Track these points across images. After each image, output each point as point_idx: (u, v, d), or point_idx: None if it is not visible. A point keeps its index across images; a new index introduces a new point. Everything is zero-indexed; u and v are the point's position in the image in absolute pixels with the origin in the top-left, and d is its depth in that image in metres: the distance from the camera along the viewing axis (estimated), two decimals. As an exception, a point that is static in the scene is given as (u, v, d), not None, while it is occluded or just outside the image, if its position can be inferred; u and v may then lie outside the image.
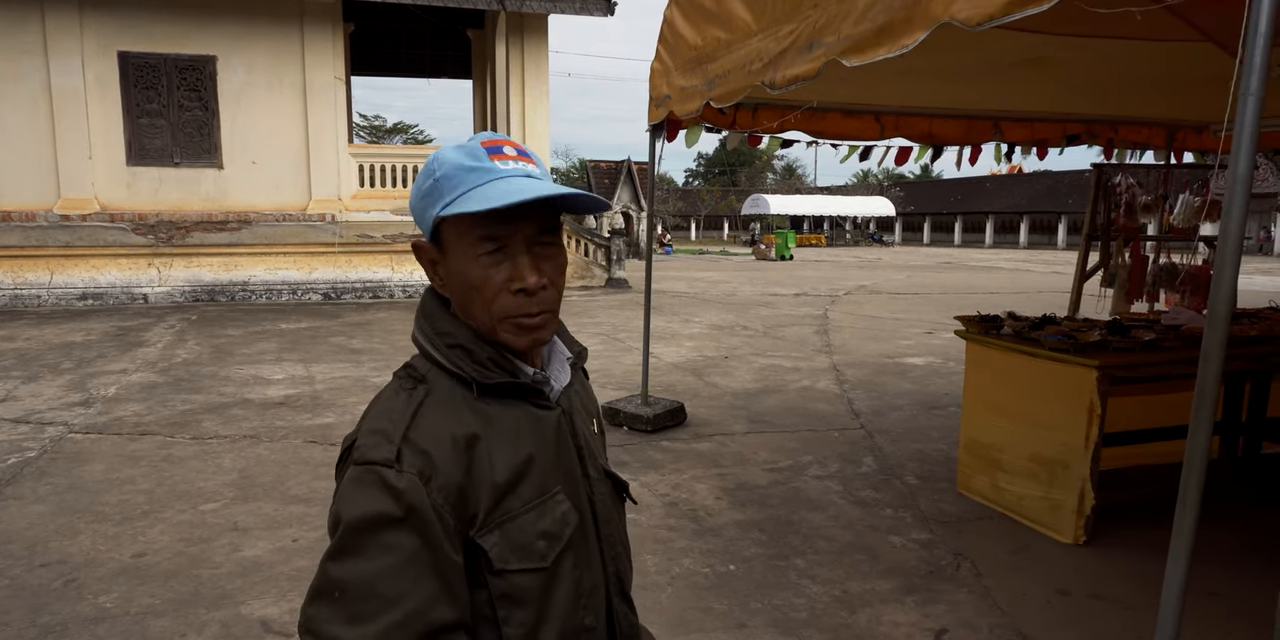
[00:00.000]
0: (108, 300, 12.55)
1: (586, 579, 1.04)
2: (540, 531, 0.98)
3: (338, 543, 0.89)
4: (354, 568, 0.88)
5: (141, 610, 3.10)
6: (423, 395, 0.97)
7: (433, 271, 1.03)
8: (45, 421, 5.77)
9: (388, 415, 0.96)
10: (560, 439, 1.05)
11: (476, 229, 0.96)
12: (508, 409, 1.00)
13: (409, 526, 0.89)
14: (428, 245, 1.02)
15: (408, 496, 0.89)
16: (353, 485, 0.91)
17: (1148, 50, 4.13)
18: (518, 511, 0.97)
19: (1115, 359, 3.74)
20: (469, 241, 0.96)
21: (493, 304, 0.97)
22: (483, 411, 0.98)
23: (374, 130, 54.78)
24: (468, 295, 0.99)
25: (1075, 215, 44.83)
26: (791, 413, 6.25)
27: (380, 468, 0.90)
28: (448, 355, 1.00)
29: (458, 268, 0.98)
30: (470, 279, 0.97)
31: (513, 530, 0.96)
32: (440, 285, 1.03)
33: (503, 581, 0.95)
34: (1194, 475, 1.71)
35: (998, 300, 14.79)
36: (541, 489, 1.00)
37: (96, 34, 12.53)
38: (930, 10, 2.54)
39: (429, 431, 0.94)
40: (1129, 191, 6.56)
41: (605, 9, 13.88)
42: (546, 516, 0.99)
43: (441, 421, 0.95)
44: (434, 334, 1.01)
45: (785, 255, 31.05)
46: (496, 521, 0.95)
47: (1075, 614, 3.13)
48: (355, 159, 14.03)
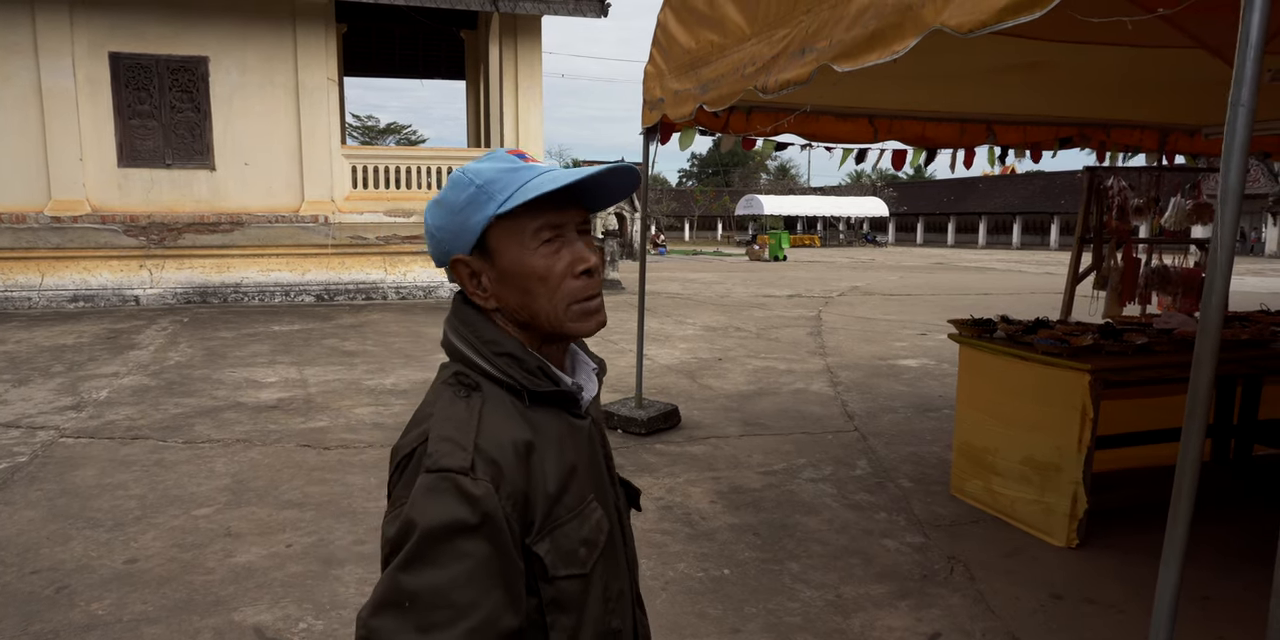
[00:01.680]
0: (99, 302, 12.49)
1: (614, 584, 1.07)
2: (581, 538, 1.01)
3: (411, 551, 0.89)
4: (428, 576, 0.88)
5: (134, 617, 3.08)
6: (480, 403, 0.98)
7: (474, 284, 1.04)
8: (36, 426, 5.74)
9: (453, 423, 0.96)
10: (592, 448, 1.09)
11: (534, 222, 0.99)
12: (550, 418, 1.03)
13: (483, 534, 0.90)
14: (467, 257, 1.03)
15: (483, 504, 0.90)
16: (427, 493, 0.91)
17: (1140, 55, 4.15)
18: (564, 519, 0.99)
19: (1108, 363, 3.75)
20: (527, 235, 1.00)
21: (558, 290, 1.01)
22: (532, 420, 1.00)
23: (367, 131, 54.70)
24: (531, 289, 1.01)
25: (1068, 216, 45.00)
26: (785, 415, 6.26)
27: (456, 475, 0.91)
28: (496, 363, 1.01)
29: (515, 266, 1.01)
30: (535, 271, 1.00)
31: (560, 538, 0.98)
32: (484, 297, 1.04)
33: (552, 588, 0.98)
34: (1186, 482, 1.72)
35: (991, 301, 14.84)
36: (580, 497, 1.03)
37: (87, 34, 12.47)
38: (922, 17, 2.55)
39: (494, 439, 0.95)
40: (1121, 194, 6.58)
41: (599, 10, 13.87)
42: (586, 524, 1.02)
43: (502, 429, 0.97)
44: (479, 342, 1.02)
45: (779, 256, 31.09)
46: (548, 529, 0.97)
47: (1068, 618, 3.14)
48: (348, 160, 14.00)
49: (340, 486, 4.56)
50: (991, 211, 50.43)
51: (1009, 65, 4.55)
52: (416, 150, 16.86)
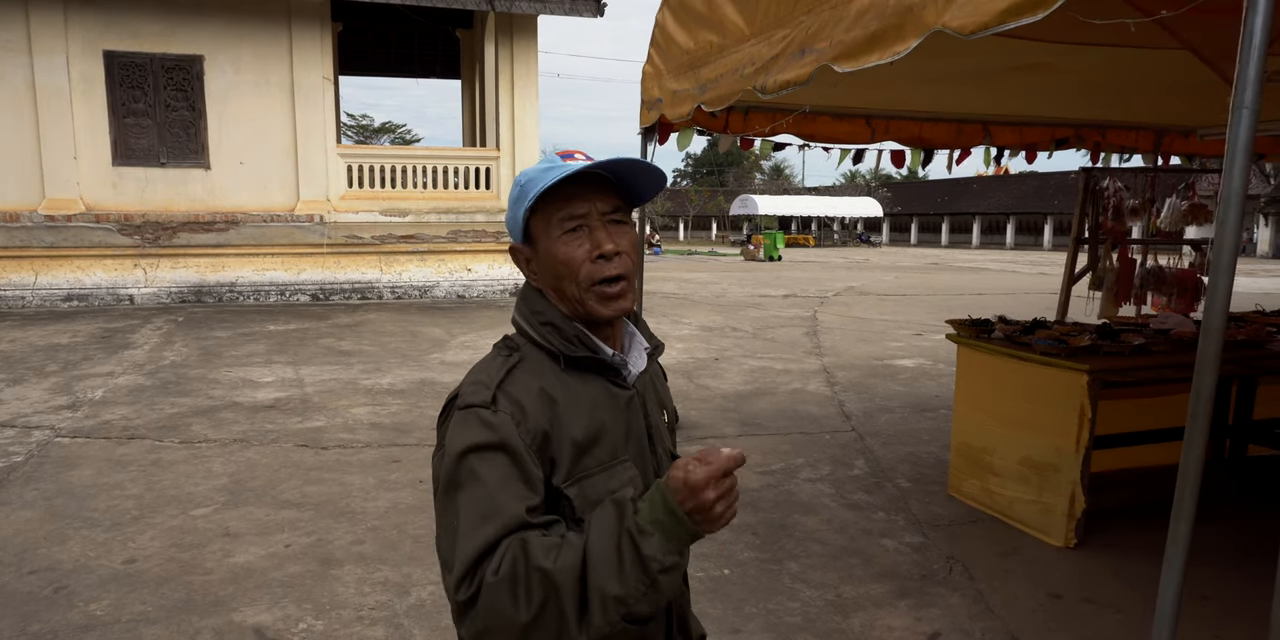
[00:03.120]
0: (93, 301, 12.44)
1: None
2: (610, 490, 1.12)
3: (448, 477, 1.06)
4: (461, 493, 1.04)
5: (133, 618, 3.08)
6: (516, 360, 1.15)
7: (527, 268, 1.22)
8: (31, 425, 5.72)
9: (485, 371, 1.14)
10: (632, 416, 1.21)
11: (557, 213, 1.15)
12: (587, 383, 1.17)
13: (508, 449, 1.05)
14: (520, 246, 1.21)
15: (501, 430, 1.06)
16: (457, 426, 1.09)
17: (1137, 57, 4.16)
18: (593, 470, 1.13)
19: (1106, 363, 3.77)
20: (554, 225, 1.15)
21: (579, 274, 1.15)
22: (565, 381, 1.15)
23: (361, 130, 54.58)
24: (558, 273, 1.16)
25: (1061, 216, 45.11)
26: (782, 415, 6.26)
27: (479, 409, 1.08)
28: (539, 331, 1.17)
29: (547, 253, 1.17)
30: (558, 256, 1.15)
31: (588, 487, 1.11)
32: (535, 279, 1.21)
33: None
34: (1189, 484, 1.72)
35: (986, 301, 14.87)
36: (612, 454, 1.16)
37: (81, 32, 12.41)
38: (923, 18, 2.56)
39: (520, 385, 1.11)
40: (1117, 195, 6.61)
41: (595, 10, 13.86)
42: (617, 478, 1.15)
43: (529, 381, 1.12)
44: (530, 313, 1.19)
45: (773, 256, 31.10)
46: (576, 477, 1.11)
47: (1067, 617, 3.16)
48: (344, 159, 13.96)
49: (338, 486, 4.55)
50: (985, 212, 50.52)
51: (1006, 67, 4.56)
52: (412, 150, 16.82)
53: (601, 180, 1.16)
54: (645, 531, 0.98)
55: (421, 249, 13.93)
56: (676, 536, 0.98)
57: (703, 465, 0.96)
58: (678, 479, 0.97)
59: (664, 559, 0.97)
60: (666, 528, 0.97)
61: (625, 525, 0.99)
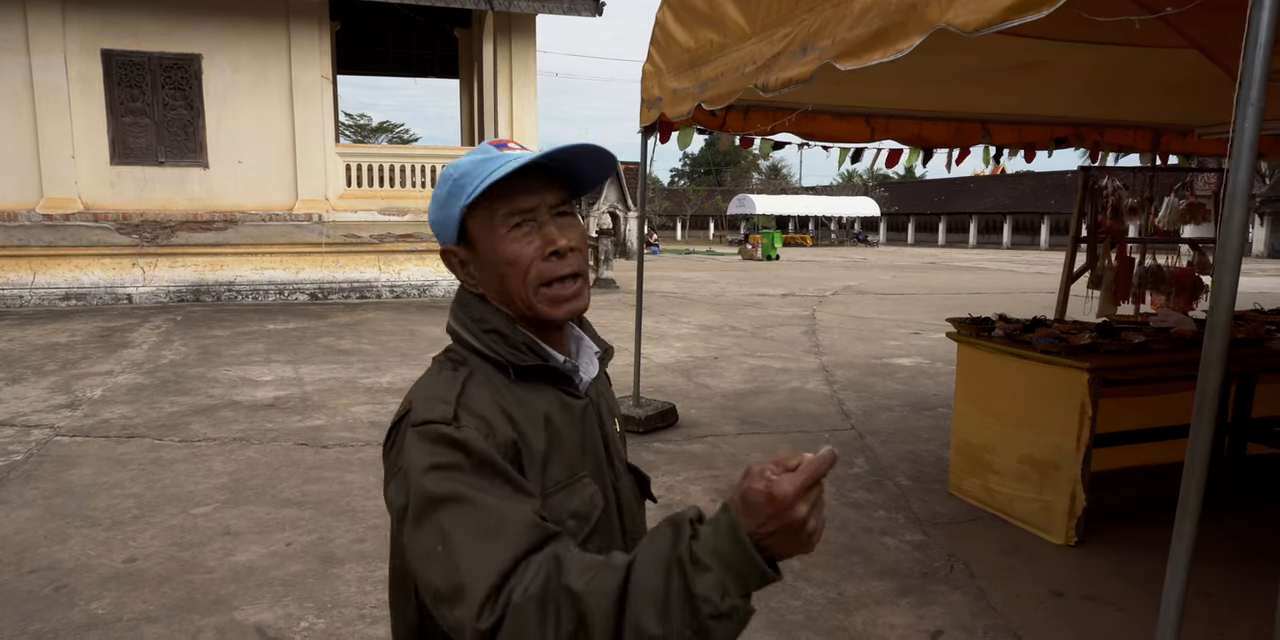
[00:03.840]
0: (91, 300, 12.42)
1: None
2: (570, 511, 1.02)
3: (419, 503, 0.90)
4: (441, 518, 0.88)
5: (134, 617, 3.07)
6: (466, 373, 1.03)
7: (464, 272, 1.09)
8: (30, 424, 5.71)
9: (437, 387, 1.01)
10: (587, 427, 1.11)
11: (502, 208, 1.04)
12: (539, 394, 1.05)
13: (484, 463, 0.91)
14: (455, 247, 1.09)
15: (471, 445, 0.92)
16: (414, 444, 0.94)
17: (1136, 55, 4.17)
18: (551, 490, 1.01)
19: (1106, 361, 3.77)
20: (498, 222, 1.04)
21: (528, 274, 1.04)
22: (516, 394, 1.03)
23: (359, 129, 54.52)
24: (504, 274, 1.05)
25: (1058, 216, 45.18)
26: (782, 414, 6.27)
27: (439, 425, 0.94)
28: (483, 340, 1.06)
29: (490, 252, 1.05)
30: (505, 256, 1.04)
31: (549, 507, 0.99)
32: (473, 283, 1.09)
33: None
34: (1194, 481, 1.73)
35: (983, 301, 14.89)
36: (570, 472, 1.05)
37: (79, 31, 12.39)
38: (926, 16, 2.56)
39: (476, 400, 0.99)
40: (1115, 194, 6.61)
41: (593, 9, 13.86)
42: (575, 497, 1.04)
43: (485, 394, 1.00)
44: (470, 321, 1.07)
45: (771, 255, 31.13)
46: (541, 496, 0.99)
47: (1069, 615, 3.16)
48: (342, 158, 13.95)
49: (339, 485, 4.54)
50: (982, 211, 50.59)
51: (1006, 65, 4.57)
52: (410, 149, 16.82)
53: (545, 171, 1.05)
54: (701, 563, 0.77)
55: (420, 248, 13.92)
56: (741, 574, 0.77)
57: (789, 472, 0.77)
58: (758, 492, 0.76)
59: (719, 601, 0.76)
60: (730, 562, 0.77)
61: (678, 552, 0.78)
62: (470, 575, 0.83)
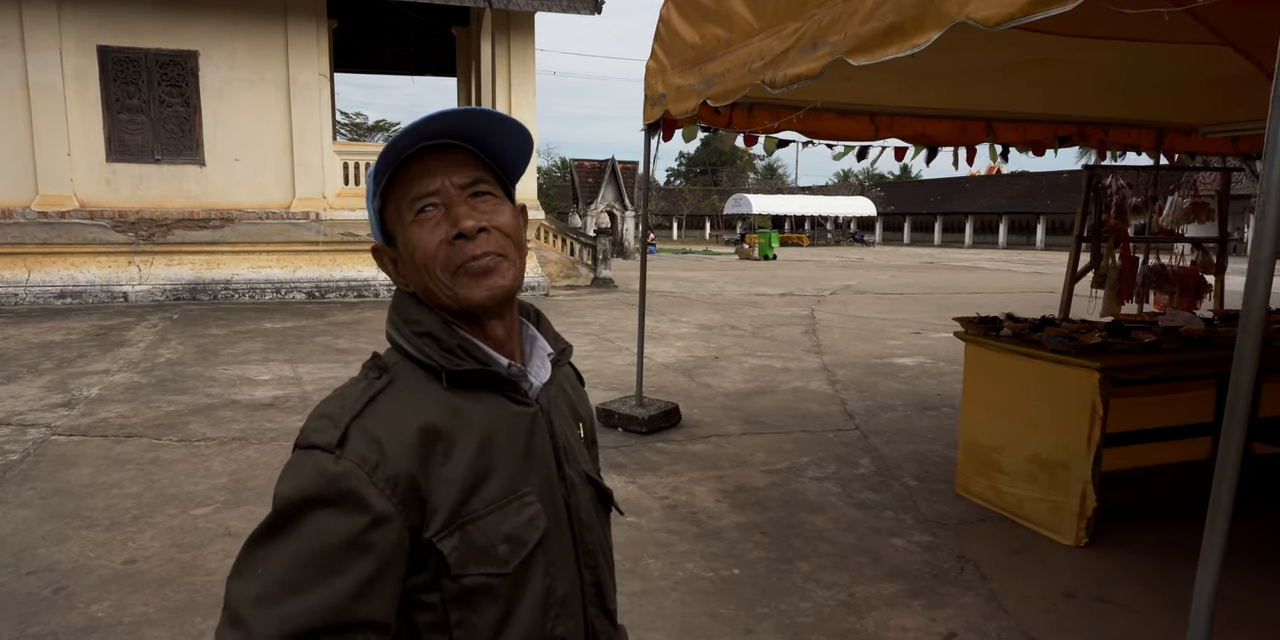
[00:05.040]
0: (87, 299, 12.34)
1: (559, 587, 0.99)
2: (504, 534, 0.93)
3: (268, 521, 0.86)
4: (275, 548, 0.85)
5: (135, 619, 3.02)
6: (384, 384, 0.94)
7: (395, 271, 1.02)
8: (27, 423, 5.64)
9: (339, 401, 0.92)
10: (535, 438, 1.01)
11: (405, 196, 0.96)
12: (478, 402, 0.96)
13: (340, 513, 0.85)
14: (382, 245, 1.02)
15: (343, 482, 0.85)
16: (289, 467, 0.89)
17: (1145, 53, 4.14)
18: (480, 512, 0.92)
19: (1117, 361, 3.74)
20: (404, 210, 0.97)
21: (437, 261, 0.95)
22: (450, 404, 0.94)
23: (355, 128, 54.38)
24: (421, 265, 0.97)
25: (1053, 216, 45.24)
26: (785, 413, 6.23)
27: (319, 452, 0.87)
28: (415, 343, 0.97)
29: (404, 244, 0.98)
30: (415, 244, 0.96)
31: (473, 532, 0.91)
32: (404, 282, 1.02)
33: (457, 586, 0.91)
34: (1226, 481, 1.69)
35: (983, 300, 14.87)
36: (510, 489, 0.95)
37: (75, 28, 12.31)
38: (944, 10, 2.51)
39: (382, 418, 0.90)
40: (1120, 193, 6.59)
41: (592, 7, 13.81)
42: (511, 519, 0.94)
43: (398, 410, 0.91)
44: (402, 323, 0.99)
45: (768, 255, 31.11)
46: (458, 523, 0.91)
47: (1082, 616, 3.13)
48: (340, 156, 13.89)
49: (340, 485, 4.49)
50: (978, 211, 50.63)
51: (1014, 62, 4.53)
52: (407, 147, 16.73)
53: (455, 151, 0.98)
54: None
55: (418, 247, 13.85)
56: None
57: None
58: None
59: None
60: None
61: None
62: (259, 621, 0.82)
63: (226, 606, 0.84)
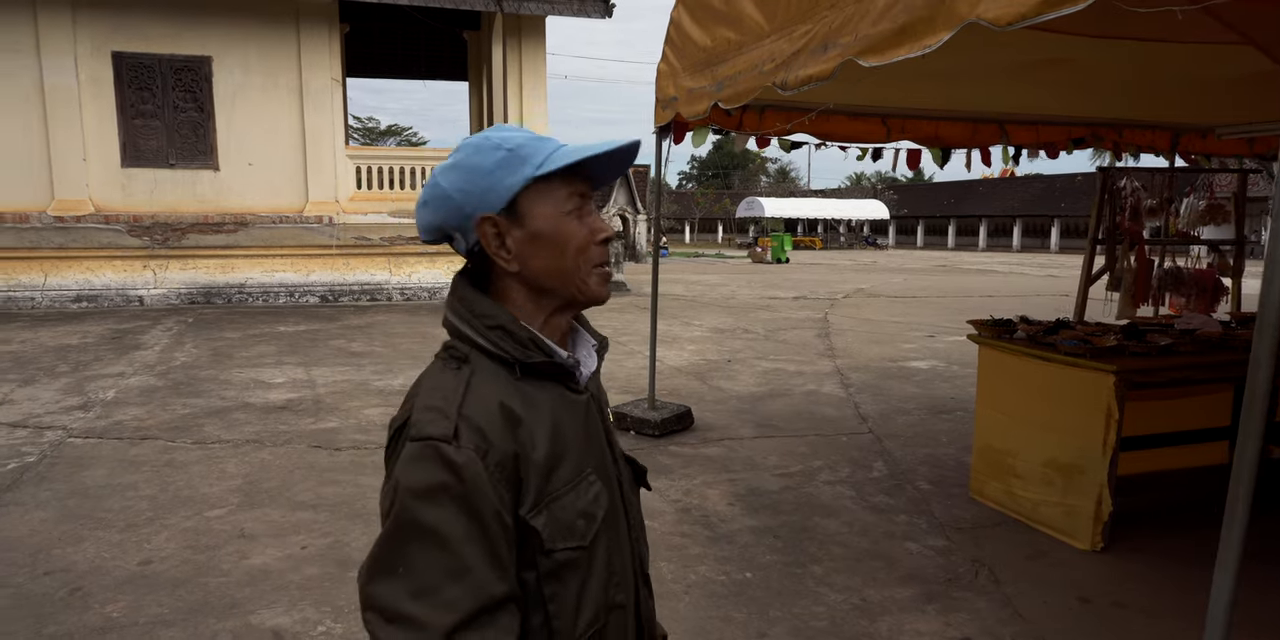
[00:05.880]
0: (102, 302, 12.44)
1: (617, 559, 1.08)
2: (579, 511, 1.01)
3: (397, 519, 0.92)
4: (416, 543, 0.90)
5: (150, 620, 3.04)
6: (469, 373, 1.00)
7: (499, 244, 1.03)
8: (44, 425, 5.69)
9: (440, 392, 0.98)
10: (590, 423, 1.09)
11: (566, 188, 1.03)
12: (544, 391, 1.03)
13: (468, 501, 0.91)
14: (495, 216, 1.02)
15: (466, 470, 0.91)
16: (410, 461, 0.93)
17: (1159, 53, 4.10)
18: (561, 492, 1.00)
19: (1133, 364, 3.71)
20: (559, 200, 1.03)
21: (583, 255, 1.04)
22: (522, 391, 1.01)
23: (368, 132, 54.65)
24: (563, 252, 1.03)
25: (1068, 218, 44.96)
26: (798, 417, 6.21)
27: (439, 443, 0.92)
28: (488, 336, 1.02)
29: (550, 228, 1.03)
30: (567, 234, 1.03)
31: (557, 510, 0.99)
32: (507, 258, 1.03)
33: (550, 560, 0.98)
34: (1243, 485, 1.67)
35: (997, 303, 14.79)
36: (577, 470, 1.03)
37: (90, 34, 12.42)
38: (956, 10, 2.50)
39: (481, 407, 0.96)
40: (1134, 195, 6.54)
41: (603, 11, 13.84)
42: (582, 497, 1.02)
43: (488, 398, 0.97)
44: (472, 316, 1.03)
45: (781, 258, 31.04)
46: (544, 502, 0.98)
47: (1098, 622, 3.10)
48: (352, 161, 13.95)
49: (353, 488, 4.51)
50: (991, 214, 50.38)
51: (1026, 62, 4.50)
52: (421, 151, 16.83)
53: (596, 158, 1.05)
54: None
55: (431, 250, 13.90)
56: None
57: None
58: None
59: None
60: None
61: None
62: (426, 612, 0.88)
63: (377, 610, 0.90)
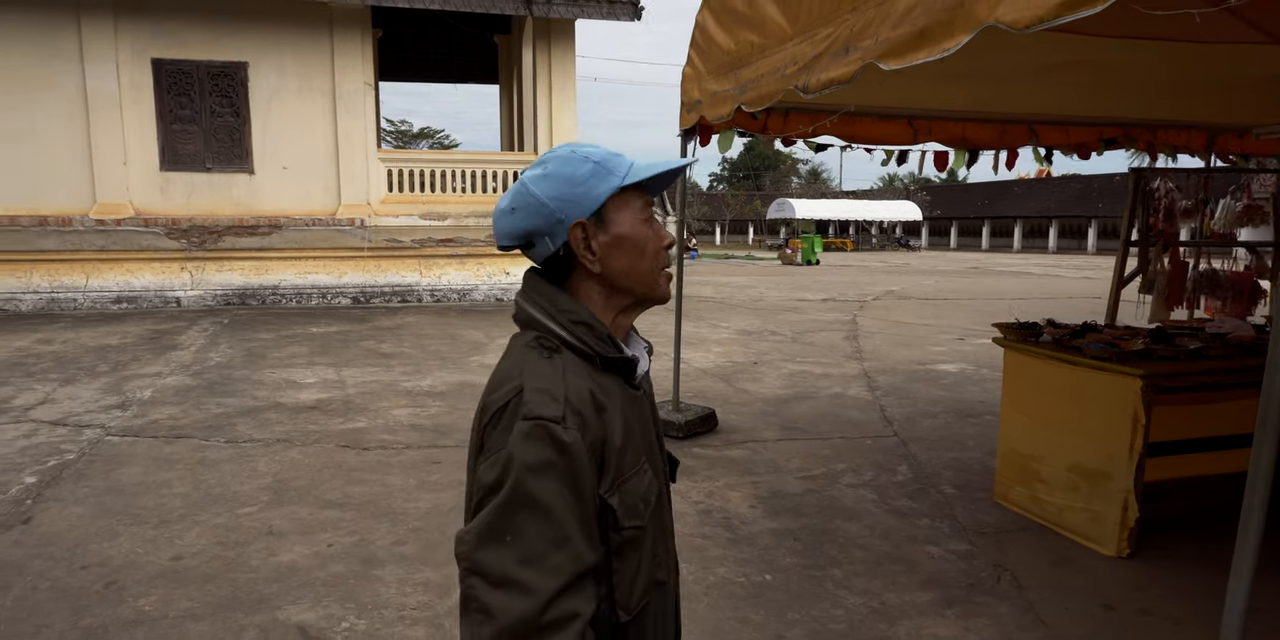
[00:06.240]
0: (141, 303, 12.72)
1: (660, 542, 1.21)
2: (639, 494, 1.13)
3: (511, 491, 1.01)
4: (526, 514, 1.00)
5: (180, 614, 3.12)
6: (563, 363, 1.10)
7: (585, 247, 1.15)
8: (83, 424, 5.84)
9: (544, 378, 1.07)
10: (643, 417, 1.21)
11: (639, 199, 1.18)
12: (614, 384, 1.15)
13: (574, 477, 1.02)
14: (586, 222, 1.15)
15: (572, 449, 1.02)
16: (525, 438, 1.02)
17: (1190, 53, 4.04)
18: (629, 475, 1.12)
19: (1160, 368, 3.66)
20: (636, 208, 1.17)
21: (656, 258, 1.18)
22: (599, 382, 1.12)
23: (400, 135, 55.24)
24: (641, 254, 1.17)
25: (1105, 219, 44.19)
26: (823, 420, 6.19)
27: (550, 423, 1.02)
28: (572, 330, 1.13)
29: (632, 233, 1.16)
30: (642, 238, 1.17)
31: (625, 493, 1.11)
32: (592, 259, 1.15)
33: (619, 537, 1.10)
34: (1258, 492, 1.66)
35: (1028, 306, 14.61)
36: (636, 458, 1.15)
37: (131, 41, 12.72)
38: (974, 13, 2.50)
39: (578, 394, 1.07)
40: (1168, 196, 6.44)
41: (632, 14, 13.88)
42: (642, 482, 1.14)
43: (582, 387, 1.08)
44: (556, 311, 1.14)
45: (811, 260, 30.88)
46: (617, 484, 1.10)
47: (1122, 629, 3.06)
48: (384, 164, 14.13)
49: (380, 487, 4.58)
50: (1027, 215, 49.66)
51: (1053, 64, 4.46)
52: (451, 154, 16.99)
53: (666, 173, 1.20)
54: None
55: (461, 252, 14.04)
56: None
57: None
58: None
59: None
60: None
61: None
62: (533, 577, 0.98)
63: (483, 574, 0.99)
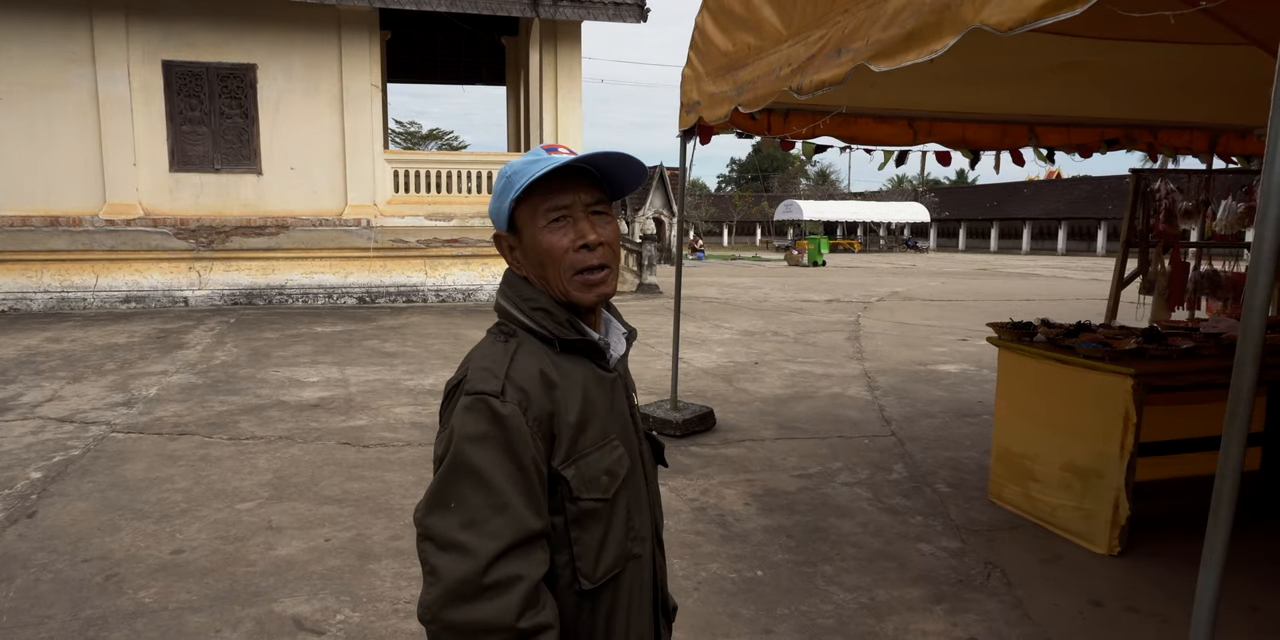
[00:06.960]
0: (150, 303, 12.83)
1: (637, 517, 1.27)
2: (603, 469, 1.20)
3: (451, 460, 1.10)
4: (466, 481, 1.09)
5: (179, 606, 3.17)
6: (515, 346, 1.20)
7: (511, 256, 1.27)
8: (89, 421, 5.91)
9: (491, 358, 1.18)
10: (616, 398, 1.28)
11: (543, 204, 1.21)
12: (577, 366, 1.23)
13: (512, 447, 1.10)
14: (505, 234, 1.27)
15: (510, 421, 1.10)
16: (464, 411, 1.12)
17: (1186, 53, 4.06)
18: (587, 450, 1.19)
19: (1151, 367, 3.68)
20: (539, 215, 1.21)
21: (563, 262, 1.21)
22: (558, 364, 1.20)
23: (409, 136, 55.41)
24: (544, 261, 1.22)
25: (1115, 221, 43.95)
26: (821, 419, 6.22)
27: (489, 397, 1.11)
28: (532, 316, 1.22)
29: (533, 242, 1.22)
30: (544, 245, 1.21)
31: (584, 466, 1.18)
32: (518, 267, 1.26)
33: (576, 508, 1.17)
34: (1227, 487, 1.68)
35: (1034, 307, 14.58)
36: (603, 435, 1.22)
37: (142, 43, 12.84)
38: (960, 15, 2.53)
39: (524, 372, 1.16)
40: (1169, 197, 6.44)
41: (638, 15, 13.94)
42: (606, 457, 1.21)
43: (530, 366, 1.17)
44: (519, 300, 1.24)
45: (818, 261, 30.86)
46: (574, 458, 1.17)
47: (1108, 626, 3.08)
48: (391, 165, 14.21)
49: (379, 483, 4.63)
50: (1036, 217, 49.49)
51: (1051, 65, 4.49)
52: (456, 155, 17.07)
53: (584, 173, 1.22)
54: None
55: (466, 253, 14.11)
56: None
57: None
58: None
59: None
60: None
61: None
62: (474, 540, 1.06)
63: (429, 538, 1.09)
